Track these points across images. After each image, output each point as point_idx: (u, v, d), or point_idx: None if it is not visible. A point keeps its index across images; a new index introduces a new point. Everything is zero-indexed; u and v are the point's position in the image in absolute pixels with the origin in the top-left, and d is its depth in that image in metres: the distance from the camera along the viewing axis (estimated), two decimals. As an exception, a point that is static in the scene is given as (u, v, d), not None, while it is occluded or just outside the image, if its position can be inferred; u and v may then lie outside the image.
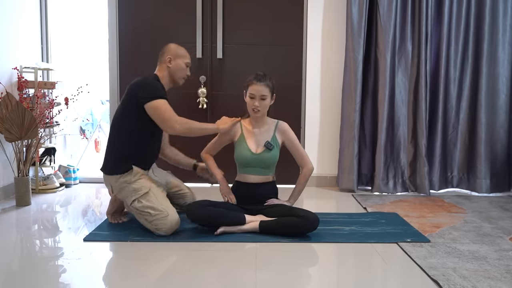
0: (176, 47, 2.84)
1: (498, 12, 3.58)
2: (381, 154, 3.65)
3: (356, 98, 3.61)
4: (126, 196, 2.63)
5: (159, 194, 2.62)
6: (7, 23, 3.38)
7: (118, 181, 2.63)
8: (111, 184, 2.69)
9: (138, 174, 2.65)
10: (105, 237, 2.51)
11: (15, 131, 3.08)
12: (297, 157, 2.78)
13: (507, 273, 2.05)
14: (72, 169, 3.85)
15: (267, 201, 2.71)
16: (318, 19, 3.77)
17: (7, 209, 3.09)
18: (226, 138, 2.77)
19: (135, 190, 2.60)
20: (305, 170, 2.77)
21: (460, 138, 3.71)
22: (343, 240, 2.50)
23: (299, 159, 2.78)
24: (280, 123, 2.76)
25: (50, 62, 3.94)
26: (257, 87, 2.61)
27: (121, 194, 2.66)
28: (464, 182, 3.76)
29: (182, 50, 2.84)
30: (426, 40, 3.54)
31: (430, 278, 2.00)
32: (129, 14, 3.82)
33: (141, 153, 2.72)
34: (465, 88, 3.67)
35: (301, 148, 2.78)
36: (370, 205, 3.26)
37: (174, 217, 2.53)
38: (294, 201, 2.79)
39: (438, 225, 2.78)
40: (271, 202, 2.70)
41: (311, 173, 2.79)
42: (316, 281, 2.08)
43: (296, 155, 2.78)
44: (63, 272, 2.09)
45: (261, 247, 2.38)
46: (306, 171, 2.77)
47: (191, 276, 2.03)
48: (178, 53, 2.81)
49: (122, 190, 2.64)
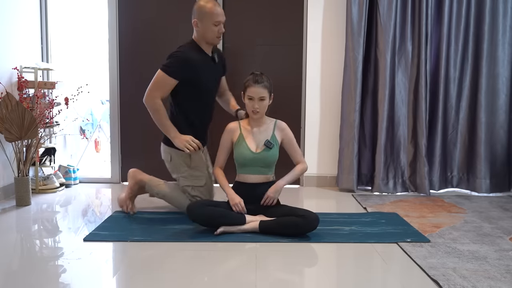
0: (202, 6, 2.73)
1: (498, 12, 3.57)
2: (381, 154, 3.65)
3: (356, 98, 3.61)
4: (180, 176, 2.88)
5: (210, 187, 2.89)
6: (7, 23, 3.38)
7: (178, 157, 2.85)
8: (171, 156, 2.88)
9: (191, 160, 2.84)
10: (105, 237, 2.50)
11: (15, 131, 3.08)
12: (294, 156, 2.78)
13: (507, 273, 2.05)
14: (72, 169, 3.85)
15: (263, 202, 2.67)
16: (318, 19, 3.77)
17: (7, 209, 3.09)
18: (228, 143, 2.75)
19: (192, 177, 2.85)
20: (302, 166, 2.76)
21: (460, 138, 3.71)
22: (343, 240, 2.49)
23: (296, 157, 2.77)
24: (278, 122, 2.76)
25: (50, 62, 3.94)
26: (256, 89, 2.60)
27: (175, 171, 2.91)
28: (464, 182, 3.76)
29: (207, 7, 2.72)
30: (426, 40, 3.54)
31: (430, 278, 2.00)
32: (129, 14, 3.82)
33: (190, 125, 2.83)
34: (465, 88, 3.67)
35: (297, 147, 2.79)
36: (370, 205, 3.26)
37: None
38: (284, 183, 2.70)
39: (438, 225, 2.78)
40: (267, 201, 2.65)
41: (305, 171, 2.79)
42: (316, 281, 2.08)
43: (293, 154, 2.77)
44: (63, 272, 2.09)
45: (261, 247, 2.38)
46: (302, 167, 2.76)
47: (191, 276, 2.03)
48: (203, 13, 2.72)
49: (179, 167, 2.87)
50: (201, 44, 2.83)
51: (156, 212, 2.99)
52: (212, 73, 2.92)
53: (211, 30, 2.75)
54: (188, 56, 2.75)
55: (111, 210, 3.09)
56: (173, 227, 2.69)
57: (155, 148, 3.94)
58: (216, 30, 2.76)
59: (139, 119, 3.87)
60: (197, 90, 2.82)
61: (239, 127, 2.75)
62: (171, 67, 2.72)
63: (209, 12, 2.72)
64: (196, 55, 2.80)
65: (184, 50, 2.78)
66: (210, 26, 2.74)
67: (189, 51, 2.79)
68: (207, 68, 2.85)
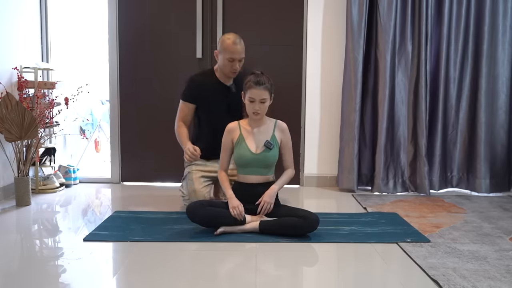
0: (223, 40, 2.86)
1: (498, 13, 3.57)
2: (381, 154, 3.65)
3: (356, 98, 3.61)
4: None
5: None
6: (7, 23, 3.38)
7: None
8: None
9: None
10: (105, 237, 2.50)
11: (15, 131, 3.08)
12: (286, 159, 2.76)
13: (507, 273, 2.05)
14: (72, 169, 3.85)
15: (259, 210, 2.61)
16: (318, 20, 3.77)
17: (7, 209, 3.09)
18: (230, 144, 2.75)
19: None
20: (291, 172, 2.76)
21: (460, 138, 3.71)
22: (343, 240, 2.49)
23: (287, 161, 2.76)
24: (279, 123, 2.75)
25: (50, 62, 3.94)
26: (257, 91, 2.58)
27: None
28: (464, 182, 3.76)
29: (225, 43, 2.83)
30: (426, 40, 3.54)
31: (430, 278, 2.00)
32: (129, 14, 3.82)
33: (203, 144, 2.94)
34: (465, 88, 3.67)
35: (291, 152, 2.78)
36: (370, 205, 3.26)
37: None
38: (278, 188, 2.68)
39: (438, 225, 2.78)
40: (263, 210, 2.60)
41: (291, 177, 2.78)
42: (316, 281, 2.08)
43: (286, 158, 2.76)
44: (63, 272, 2.09)
45: (261, 247, 2.38)
46: (291, 174, 2.76)
47: (191, 276, 2.03)
48: (222, 47, 2.83)
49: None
50: (218, 74, 2.99)
51: (156, 212, 2.99)
52: (224, 100, 3.02)
53: (226, 65, 2.87)
54: (195, 78, 2.99)
55: (111, 210, 3.09)
56: (173, 227, 2.69)
57: (155, 148, 3.96)
58: (230, 65, 2.87)
59: (139, 119, 3.87)
60: (204, 113, 3.03)
61: (238, 128, 2.74)
62: (185, 91, 3.01)
63: (226, 48, 2.85)
64: (206, 79, 3.00)
65: (195, 74, 3.03)
66: (225, 60, 2.85)
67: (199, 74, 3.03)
68: (217, 93, 2.99)
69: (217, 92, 3.01)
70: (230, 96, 3.02)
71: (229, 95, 3.02)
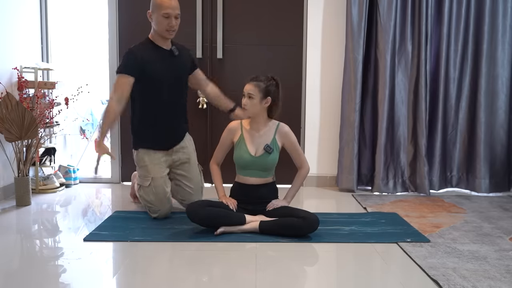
0: None
1: (498, 13, 3.58)
2: (381, 154, 3.65)
3: (356, 98, 3.61)
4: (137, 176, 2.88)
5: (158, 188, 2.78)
6: (7, 23, 3.38)
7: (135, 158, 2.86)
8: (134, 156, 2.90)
9: (143, 160, 2.80)
10: (105, 237, 2.50)
11: (15, 131, 3.08)
12: (296, 159, 2.78)
13: (507, 273, 2.05)
14: (72, 169, 3.85)
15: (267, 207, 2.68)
16: (318, 20, 3.77)
17: (7, 209, 3.09)
18: (228, 142, 2.76)
19: (140, 176, 2.82)
20: (304, 170, 2.78)
21: (459, 138, 3.71)
22: (343, 240, 2.50)
23: (298, 161, 2.78)
24: (280, 126, 2.75)
25: (50, 62, 3.94)
26: (247, 86, 2.65)
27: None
28: (463, 182, 3.76)
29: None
30: (426, 40, 3.54)
31: (430, 278, 2.00)
32: (129, 14, 3.82)
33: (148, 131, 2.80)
34: (464, 88, 3.67)
35: (300, 150, 2.79)
36: (370, 205, 3.26)
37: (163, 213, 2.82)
38: (291, 200, 2.77)
39: (438, 225, 2.78)
40: (272, 206, 2.67)
41: (308, 173, 2.81)
42: (316, 281, 2.08)
43: (295, 157, 2.78)
44: (63, 272, 2.09)
45: (261, 247, 2.38)
46: (304, 172, 2.78)
47: (191, 276, 2.03)
48: (156, 4, 2.62)
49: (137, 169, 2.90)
50: (156, 39, 2.74)
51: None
52: (171, 68, 2.79)
53: (162, 22, 2.62)
54: (134, 49, 2.70)
55: (111, 210, 3.09)
56: (173, 227, 2.69)
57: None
58: (166, 23, 2.62)
59: (139, 119, 3.86)
60: (151, 85, 2.73)
61: (240, 128, 2.74)
62: (122, 65, 2.70)
63: (160, 4, 2.60)
64: (145, 47, 2.74)
65: (133, 46, 2.74)
66: (160, 17, 2.61)
67: (137, 45, 2.74)
68: (160, 59, 2.75)
69: (159, 58, 2.74)
70: (175, 61, 2.78)
71: (173, 60, 2.78)
